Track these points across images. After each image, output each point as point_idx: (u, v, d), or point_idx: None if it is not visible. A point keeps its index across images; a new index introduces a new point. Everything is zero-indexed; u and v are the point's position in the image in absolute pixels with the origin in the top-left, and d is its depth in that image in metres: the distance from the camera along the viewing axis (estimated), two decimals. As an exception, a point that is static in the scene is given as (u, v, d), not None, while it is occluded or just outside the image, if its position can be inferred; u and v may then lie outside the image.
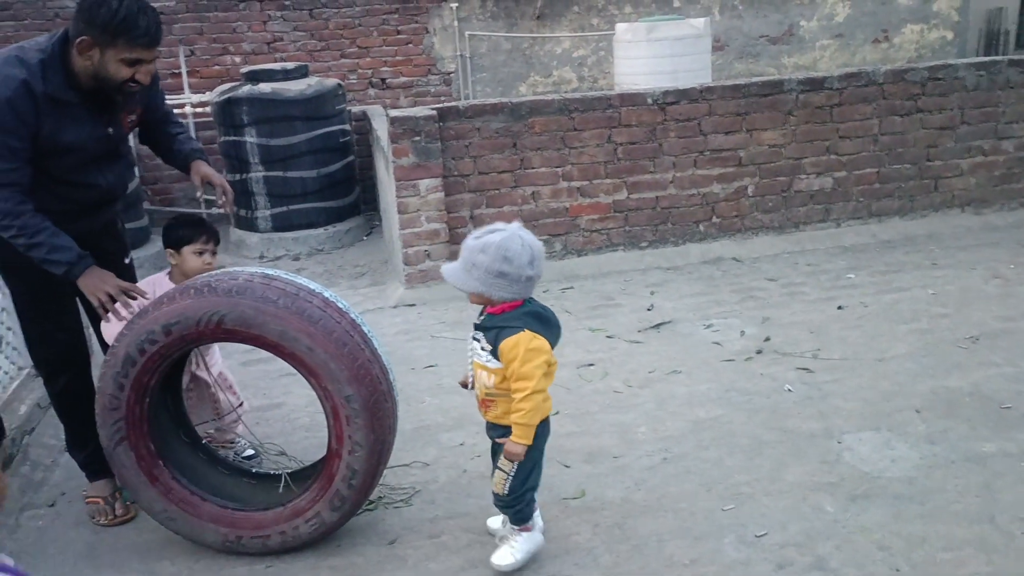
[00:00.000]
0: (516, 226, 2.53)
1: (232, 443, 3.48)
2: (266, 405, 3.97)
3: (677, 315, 4.74)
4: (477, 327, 2.60)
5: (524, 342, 2.47)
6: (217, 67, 8.25)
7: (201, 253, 3.13)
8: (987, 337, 4.19)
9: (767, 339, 4.34)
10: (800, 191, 5.85)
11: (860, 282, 5.08)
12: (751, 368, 4.04)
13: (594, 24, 8.97)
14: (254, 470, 3.17)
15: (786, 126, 5.71)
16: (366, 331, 2.78)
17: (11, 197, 2.67)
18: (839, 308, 4.69)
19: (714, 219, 5.78)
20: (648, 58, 6.96)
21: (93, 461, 3.18)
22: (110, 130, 2.91)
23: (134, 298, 2.83)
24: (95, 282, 2.77)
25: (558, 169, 5.50)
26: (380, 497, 3.12)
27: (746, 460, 3.27)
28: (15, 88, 2.62)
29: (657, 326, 4.61)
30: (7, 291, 3.98)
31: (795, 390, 3.79)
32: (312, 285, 2.77)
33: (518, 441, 2.54)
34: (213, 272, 2.79)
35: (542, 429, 2.61)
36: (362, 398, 2.67)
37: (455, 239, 5.43)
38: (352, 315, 2.78)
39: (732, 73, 9.14)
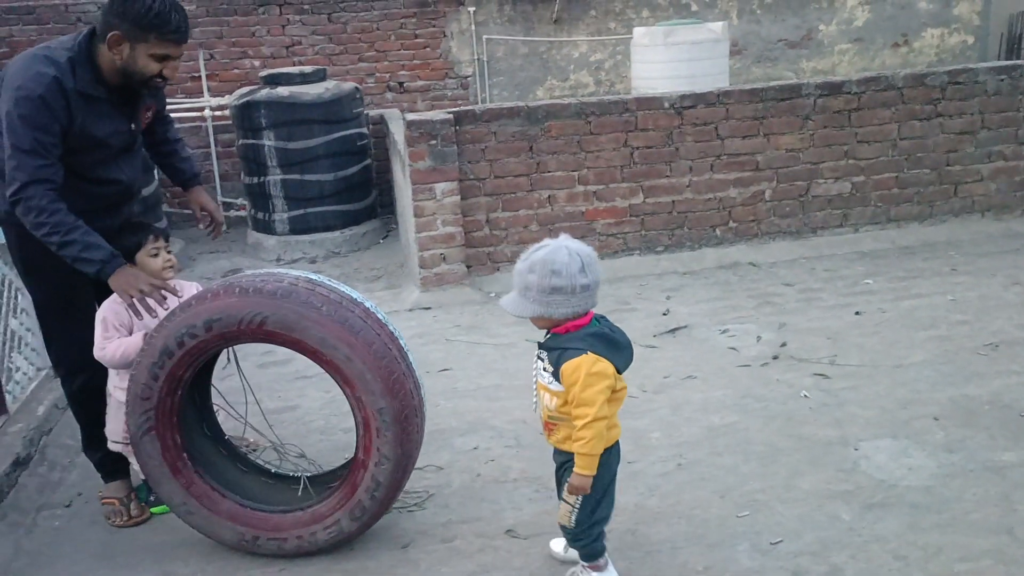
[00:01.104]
0: (562, 238, 2.42)
1: (249, 441, 3.50)
2: (280, 407, 3.98)
3: (693, 320, 4.72)
4: (541, 346, 2.48)
5: (586, 366, 2.33)
6: (236, 71, 8.31)
7: (156, 254, 3.02)
8: (1007, 345, 4.15)
9: (783, 345, 4.31)
10: (818, 196, 5.81)
11: (878, 288, 5.04)
12: (767, 374, 4.02)
13: (611, 28, 8.96)
14: (273, 470, 3.17)
15: (804, 130, 5.68)
16: (402, 344, 2.79)
17: (45, 194, 2.70)
18: (857, 314, 4.66)
19: (731, 224, 5.76)
20: (665, 62, 6.95)
21: (108, 461, 3.21)
22: (132, 125, 2.98)
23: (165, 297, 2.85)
24: (128, 280, 2.79)
25: (574, 173, 5.49)
26: (393, 501, 3.12)
27: (761, 467, 3.24)
28: (47, 85, 2.67)
29: (673, 331, 4.59)
30: (26, 293, 4.04)
31: (811, 397, 3.77)
32: (354, 294, 2.77)
33: (581, 472, 2.39)
34: (258, 272, 2.78)
35: (609, 457, 2.47)
36: (394, 411, 2.67)
37: (471, 243, 5.43)
38: (390, 327, 2.78)
39: (750, 77, 9.10)
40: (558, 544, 2.78)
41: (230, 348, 3.14)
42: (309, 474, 3.08)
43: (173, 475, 2.82)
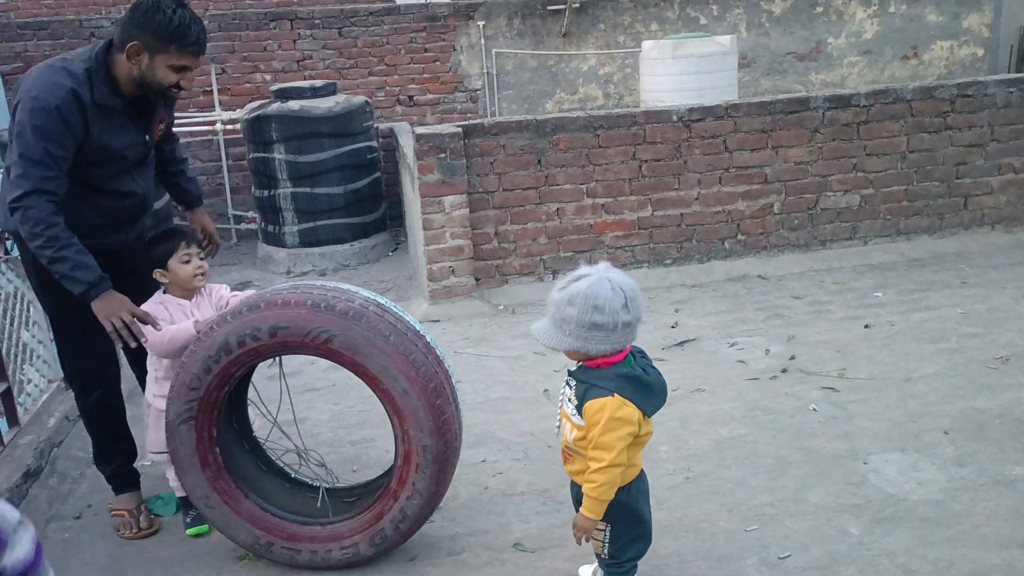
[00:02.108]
0: (603, 267, 2.28)
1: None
2: (289, 420, 3.99)
3: (701, 333, 4.72)
4: (571, 373, 2.38)
5: (610, 408, 2.22)
6: (247, 85, 8.38)
7: (187, 260, 3.04)
8: (1017, 358, 4.13)
9: (792, 358, 4.30)
10: (827, 208, 5.81)
11: (887, 301, 5.02)
12: (776, 387, 4.01)
13: (620, 41, 9.00)
14: (292, 475, 3.16)
15: (812, 143, 5.68)
16: (455, 383, 2.80)
17: (45, 206, 2.70)
18: (866, 327, 4.64)
19: (739, 236, 5.76)
20: (674, 75, 6.98)
21: (119, 475, 3.22)
22: (147, 137, 3.00)
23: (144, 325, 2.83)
24: (111, 306, 2.77)
25: (583, 186, 5.50)
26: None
27: (770, 480, 3.23)
28: (63, 97, 2.69)
29: (681, 343, 4.59)
30: (38, 306, 4.08)
31: (820, 410, 3.75)
32: (416, 326, 2.77)
33: (586, 515, 2.31)
34: (328, 285, 2.75)
35: (629, 493, 2.38)
36: (437, 451, 2.68)
37: (479, 255, 5.45)
38: (446, 364, 2.79)
39: (759, 90, 9.11)
40: (586, 571, 2.73)
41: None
42: (327, 485, 3.07)
43: (202, 467, 2.79)
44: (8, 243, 3.93)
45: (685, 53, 6.94)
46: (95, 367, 3.12)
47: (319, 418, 4.02)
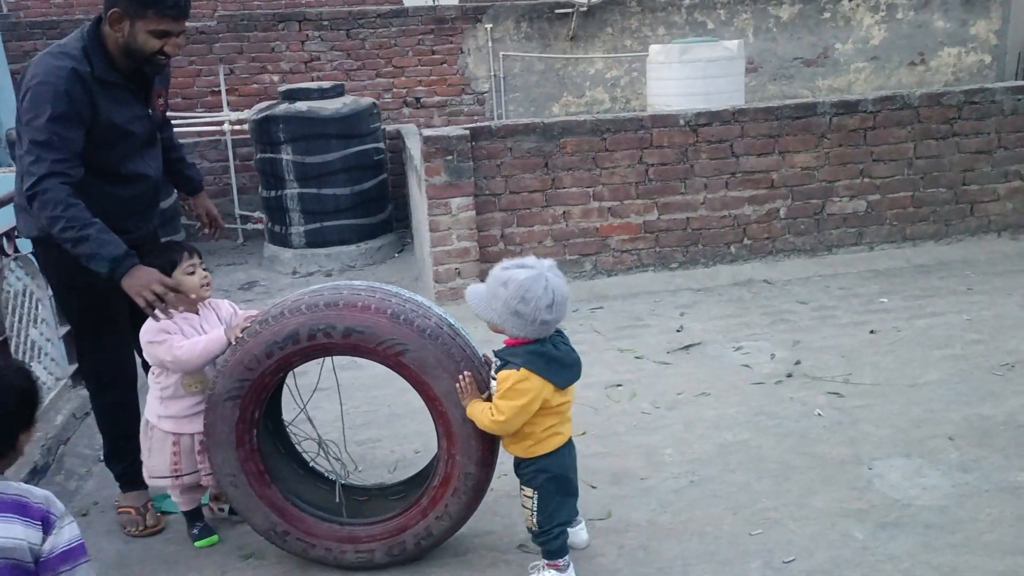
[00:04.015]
0: (547, 265, 2.51)
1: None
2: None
3: (707, 337, 4.73)
4: (495, 353, 2.63)
5: (512, 380, 2.47)
6: (255, 86, 8.41)
7: (192, 271, 2.94)
8: (1022, 365, 4.13)
9: (797, 363, 4.30)
10: (833, 214, 5.81)
11: (893, 307, 5.02)
12: (780, 392, 4.01)
13: (627, 45, 9.01)
14: (310, 463, 3.15)
15: (819, 149, 5.69)
16: None
17: (61, 188, 2.68)
18: (871, 333, 4.65)
19: (745, 241, 5.76)
20: (681, 79, 6.99)
21: (129, 473, 3.22)
22: (149, 111, 3.00)
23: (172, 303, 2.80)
24: (140, 281, 2.72)
25: (589, 189, 5.51)
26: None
27: (774, 485, 3.24)
28: (65, 77, 2.70)
29: (686, 347, 4.60)
30: (47, 303, 4.10)
31: (825, 415, 3.76)
32: (479, 353, 2.77)
33: (468, 407, 2.58)
34: (405, 296, 2.74)
35: (556, 459, 2.61)
36: (478, 480, 2.71)
37: (485, 258, 5.46)
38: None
39: (765, 95, 9.12)
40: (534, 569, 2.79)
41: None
42: (343, 481, 3.06)
43: (237, 446, 2.74)
44: (17, 240, 3.95)
45: (692, 58, 6.95)
46: (113, 368, 3.12)
47: (325, 418, 4.00)
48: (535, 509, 2.61)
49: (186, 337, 2.86)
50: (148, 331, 2.86)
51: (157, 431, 2.97)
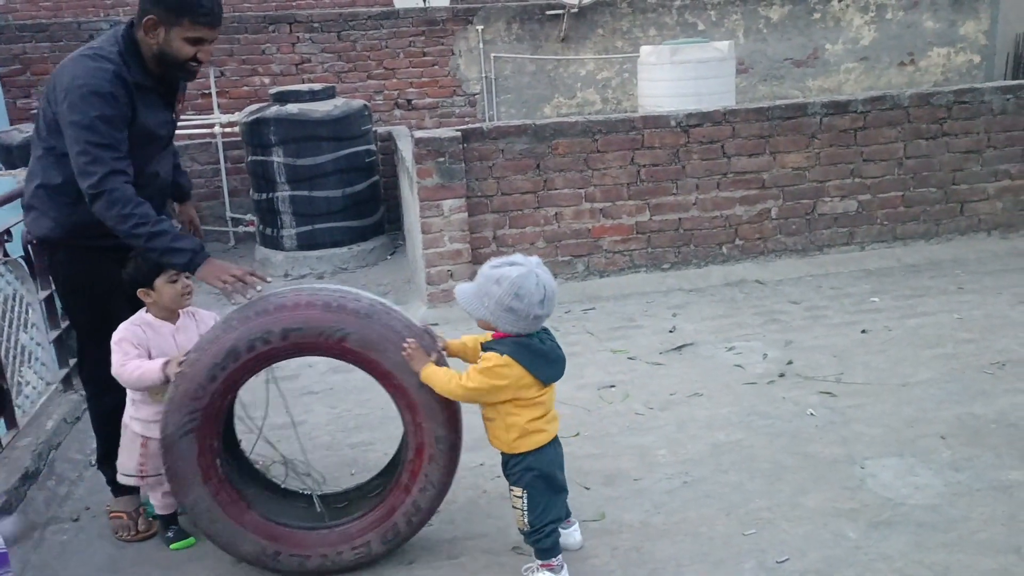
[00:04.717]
0: (535, 262, 2.56)
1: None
2: (286, 423, 3.99)
3: (699, 337, 4.73)
4: (483, 346, 2.67)
5: (493, 360, 2.53)
6: (246, 88, 8.39)
7: (175, 280, 2.92)
8: (1013, 364, 4.14)
9: (789, 363, 4.32)
10: (824, 214, 5.83)
11: (884, 306, 5.04)
12: (773, 392, 4.02)
13: (618, 47, 9.02)
14: (282, 485, 3.14)
15: (810, 149, 5.70)
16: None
17: (126, 187, 2.73)
18: (863, 332, 4.66)
19: (737, 241, 5.77)
20: (672, 80, 7.00)
21: (122, 477, 3.22)
22: (173, 115, 3.05)
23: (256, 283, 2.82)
24: (215, 270, 2.78)
25: (581, 191, 5.51)
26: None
27: (767, 485, 3.24)
28: (111, 80, 2.73)
29: (679, 348, 4.60)
30: (37, 307, 4.08)
31: (817, 415, 3.77)
32: (417, 322, 2.79)
33: (424, 371, 2.61)
34: (333, 288, 2.75)
35: (541, 458, 2.63)
36: (450, 441, 2.73)
37: (478, 259, 5.45)
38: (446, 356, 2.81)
39: (756, 96, 9.15)
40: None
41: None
42: (319, 493, 3.05)
43: (204, 480, 2.69)
44: (8, 244, 3.93)
45: (683, 59, 6.96)
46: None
47: (317, 421, 4.02)
48: (525, 508, 2.63)
49: (150, 347, 2.88)
50: (115, 334, 2.89)
51: (128, 431, 3.00)
